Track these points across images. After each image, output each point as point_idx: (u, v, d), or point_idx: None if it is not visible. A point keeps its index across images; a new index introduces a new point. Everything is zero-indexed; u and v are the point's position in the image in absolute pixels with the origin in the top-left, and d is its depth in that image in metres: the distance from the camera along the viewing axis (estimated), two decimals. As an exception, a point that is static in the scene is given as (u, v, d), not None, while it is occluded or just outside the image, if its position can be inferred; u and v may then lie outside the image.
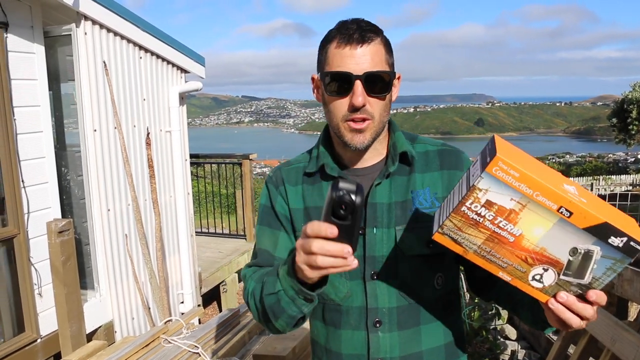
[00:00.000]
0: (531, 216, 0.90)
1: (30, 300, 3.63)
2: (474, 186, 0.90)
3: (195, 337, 3.49)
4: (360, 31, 1.18)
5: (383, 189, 1.27)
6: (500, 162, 0.87)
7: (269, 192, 1.38)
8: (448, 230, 0.98)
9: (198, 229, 7.34)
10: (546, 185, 0.87)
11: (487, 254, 0.97)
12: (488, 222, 0.93)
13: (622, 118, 30.16)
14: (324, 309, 1.32)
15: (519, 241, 0.93)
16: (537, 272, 0.96)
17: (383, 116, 1.23)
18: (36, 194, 3.66)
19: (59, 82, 4.22)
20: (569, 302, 0.97)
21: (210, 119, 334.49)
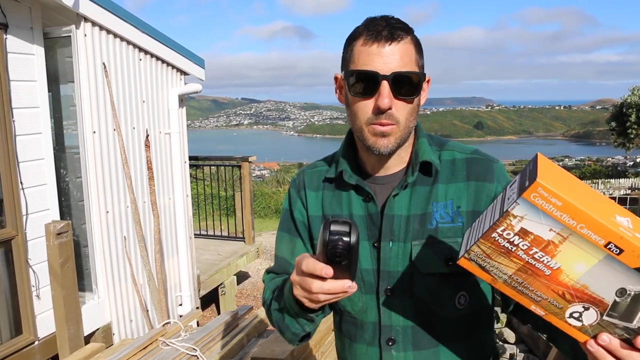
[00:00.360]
0: (573, 250, 0.79)
1: (28, 302, 3.63)
2: (507, 212, 0.79)
3: (194, 340, 3.48)
4: (389, 28, 1.09)
5: (402, 200, 1.18)
6: (540, 189, 0.76)
7: (290, 196, 1.34)
8: (475, 256, 0.87)
9: (197, 232, 7.33)
10: (593, 217, 0.76)
11: (519, 285, 0.86)
12: (521, 252, 0.82)
13: (621, 122, 30.19)
14: (341, 320, 1.28)
15: (556, 275, 0.82)
16: (576, 309, 0.84)
17: (410, 121, 1.13)
18: (35, 195, 3.66)
19: (59, 84, 4.21)
20: (611, 347, 0.85)
21: (210, 121, 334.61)
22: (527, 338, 4.67)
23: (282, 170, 20.90)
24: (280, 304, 1.13)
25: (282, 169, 22.87)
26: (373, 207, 1.20)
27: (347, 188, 1.24)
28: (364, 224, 1.20)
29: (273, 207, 14.21)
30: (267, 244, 9.37)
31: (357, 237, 0.86)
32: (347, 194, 1.24)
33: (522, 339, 4.74)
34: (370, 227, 1.20)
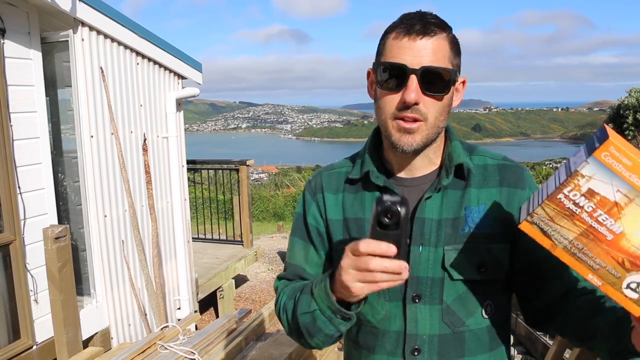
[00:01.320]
0: (638, 213, 0.78)
1: (26, 307, 3.62)
2: (576, 171, 0.79)
3: (192, 343, 3.48)
4: (423, 22, 1.07)
5: (433, 203, 1.15)
6: (611, 147, 0.76)
7: (304, 200, 1.29)
8: (538, 219, 0.86)
9: (195, 235, 7.33)
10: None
11: (579, 251, 0.85)
12: (586, 215, 0.82)
13: (618, 124, 30.23)
14: (359, 330, 1.22)
15: (617, 240, 0.81)
16: (635, 279, 0.83)
17: (439, 120, 1.10)
18: (32, 200, 3.66)
19: (56, 88, 4.22)
20: None
21: (208, 124, 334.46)
22: (524, 340, 4.67)
23: (281, 174, 20.91)
24: (310, 306, 1.08)
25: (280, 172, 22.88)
26: None
27: (372, 190, 1.19)
28: None
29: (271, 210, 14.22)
30: (265, 247, 9.38)
31: (407, 212, 0.87)
32: (370, 196, 1.19)
33: (520, 340, 4.75)
34: None
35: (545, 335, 4.40)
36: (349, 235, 1.19)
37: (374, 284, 0.93)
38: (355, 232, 1.19)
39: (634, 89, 31.69)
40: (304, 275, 1.26)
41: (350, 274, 0.94)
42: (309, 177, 1.34)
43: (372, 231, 0.90)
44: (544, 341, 4.31)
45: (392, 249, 0.88)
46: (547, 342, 4.25)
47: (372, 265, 0.90)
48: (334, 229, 1.22)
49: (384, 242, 0.89)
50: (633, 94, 31.16)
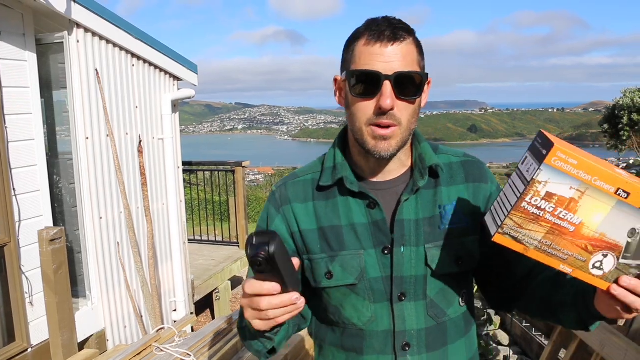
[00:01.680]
0: (590, 202, 0.90)
1: (21, 309, 3.62)
2: (533, 180, 0.89)
3: (188, 345, 3.48)
4: (392, 28, 1.09)
5: (409, 204, 1.18)
6: (558, 152, 0.87)
7: (267, 215, 1.27)
8: (508, 229, 0.95)
9: (191, 237, 7.33)
10: (603, 169, 0.87)
11: (548, 247, 0.95)
12: (548, 215, 0.92)
13: (614, 124, 30.34)
14: (344, 335, 1.23)
15: (579, 230, 0.92)
16: (597, 259, 0.94)
17: (411, 123, 1.13)
18: (27, 202, 3.65)
19: (51, 90, 4.22)
20: (632, 285, 0.93)
21: (204, 126, 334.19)
22: (520, 340, 4.69)
23: (277, 175, 20.92)
24: (242, 322, 1.13)
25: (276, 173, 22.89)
26: (378, 214, 1.17)
27: (345, 195, 1.20)
28: (368, 232, 1.18)
29: (267, 211, 14.21)
30: (261, 248, 9.36)
31: (278, 246, 0.87)
32: (344, 202, 1.20)
33: (516, 341, 4.76)
34: (376, 234, 1.17)
35: (540, 335, 4.41)
36: (327, 244, 1.19)
37: (270, 322, 0.94)
38: (333, 239, 1.19)
39: (628, 89, 31.83)
40: None
41: (248, 311, 0.95)
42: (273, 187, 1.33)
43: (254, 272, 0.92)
44: (540, 341, 4.33)
45: (276, 288, 0.90)
46: (543, 342, 4.26)
47: (262, 305, 0.91)
48: (309, 239, 1.21)
49: (267, 283, 0.91)
50: (628, 94, 31.28)
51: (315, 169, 1.27)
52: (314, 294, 1.26)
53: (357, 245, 1.17)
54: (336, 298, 1.21)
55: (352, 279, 1.17)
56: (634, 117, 29.60)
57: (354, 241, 1.17)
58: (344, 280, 1.18)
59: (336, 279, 1.18)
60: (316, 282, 1.22)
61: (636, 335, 2.76)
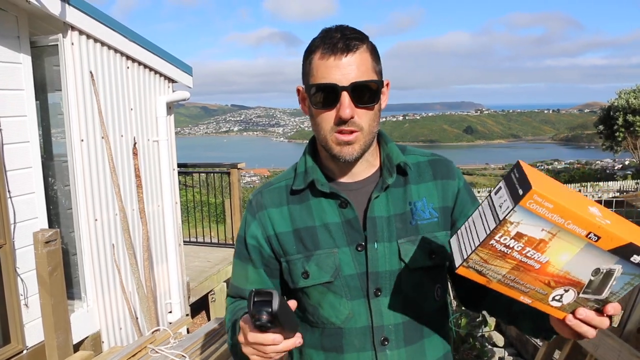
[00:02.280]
0: (559, 243, 0.89)
1: (16, 311, 3.61)
2: (505, 220, 0.87)
3: (183, 347, 3.48)
4: (344, 40, 1.13)
5: (380, 202, 1.23)
6: (535, 196, 0.84)
7: (245, 222, 1.33)
8: (474, 263, 0.95)
9: (187, 239, 7.32)
10: (578, 214, 0.86)
11: (511, 282, 0.96)
12: (516, 253, 0.91)
13: (609, 125, 30.49)
14: (323, 335, 1.27)
15: (544, 268, 0.92)
16: (558, 293, 0.96)
17: (372, 127, 1.19)
18: (23, 204, 3.65)
19: (46, 92, 4.21)
20: (587, 318, 0.97)
21: (200, 128, 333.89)
22: (515, 341, 4.70)
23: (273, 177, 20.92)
24: (233, 338, 1.19)
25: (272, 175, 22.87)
26: (350, 213, 1.23)
27: (318, 196, 1.25)
28: (341, 230, 1.23)
29: (263, 213, 14.20)
30: (257, 250, 9.35)
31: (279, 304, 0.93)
32: (317, 204, 1.25)
33: (511, 342, 4.78)
34: (349, 233, 1.22)
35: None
36: (302, 244, 1.25)
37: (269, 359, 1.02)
38: (308, 240, 1.24)
39: (623, 90, 31.93)
40: (245, 295, 1.32)
41: (246, 349, 1.02)
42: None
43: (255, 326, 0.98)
44: (535, 343, 4.34)
45: (278, 339, 0.98)
46: (537, 343, 4.28)
47: (266, 351, 0.99)
48: (285, 241, 1.26)
49: (269, 335, 0.98)
50: (623, 95, 31.40)
51: (288, 175, 1.33)
52: (294, 297, 1.29)
53: (331, 244, 1.22)
54: (314, 297, 1.25)
55: (328, 276, 1.22)
56: (629, 118, 29.75)
57: (328, 240, 1.23)
58: (320, 279, 1.22)
59: (312, 278, 1.23)
60: (294, 282, 1.26)
61: (629, 337, 2.77)
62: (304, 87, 1.23)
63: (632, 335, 2.76)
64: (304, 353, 1.33)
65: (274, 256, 1.29)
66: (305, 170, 1.27)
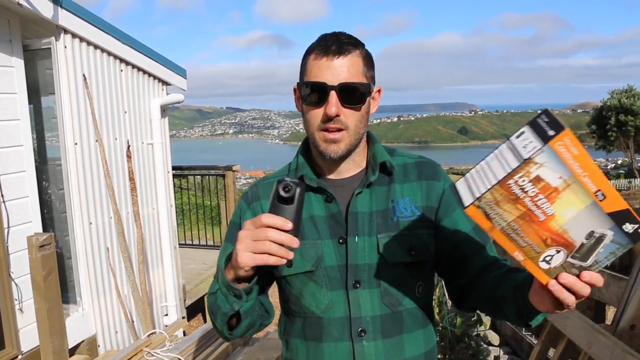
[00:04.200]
0: (569, 196, 0.88)
1: (10, 316, 3.60)
2: (530, 159, 0.84)
3: (179, 350, 3.48)
4: (338, 43, 1.21)
5: (363, 198, 1.28)
6: (566, 138, 0.82)
7: (240, 209, 1.40)
8: (485, 203, 0.90)
9: (182, 241, 7.31)
10: (594, 168, 0.85)
11: (513, 231, 0.93)
12: (528, 199, 0.88)
13: (602, 125, 30.64)
14: (304, 324, 1.32)
15: (547, 221, 0.90)
16: (550, 253, 0.94)
17: (359, 127, 1.25)
18: (16, 208, 3.64)
19: (39, 96, 4.20)
20: (569, 283, 0.97)
21: (195, 130, 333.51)
22: (511, 340, 4.72)
23: (268, 179, 20.90)
24: (214, 287, 1.22)
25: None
26: (335, 207, 1.29)
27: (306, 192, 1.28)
28: (325, 223, 1.29)
29: (258, 215, 14.19)
30: (252, 252, 9.35)
31: (303, 190, 1.01)
32: (306, 197, 1.28)
33: (506, 341, 4.79)
34: (333, 226, 1.29)
35: (530, 335, 4.45)
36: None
37: (260, 256, 1.03)
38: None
39: (615, 90, 32.09)
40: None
41: (244, 242, 1.04)
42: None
43: (271, 206, 1.03)
44: (530, 341, 4.36)
45: (289, 223, 1.01)
46: (532, 341, 4.29)
47: (269, 234, 1.01)
48: None
49: (281, 217, 1.02)
50: (615, 95, 31.56)
51: (283, 172, 1.42)
52: (279, 287, 1.38)
53: (315, 236, 1.29)
54: (296, 287, 1.30)
55: (310, 265, 1.27)
56: (622, 117, 29.91)
57: (313, 232, 1.29)
58: (302, 268, 1.28)
59: (295, 267, 1.28)
60: (278, 270, 1.31)
61: (622, 334, 2.79)
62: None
63: (625, 332, 2.78)
64: (290, 343, 1.38)
65: None
66: (297, 167, 1.35)
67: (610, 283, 3.21)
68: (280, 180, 1.02)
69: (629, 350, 2.44)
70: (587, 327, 2.74)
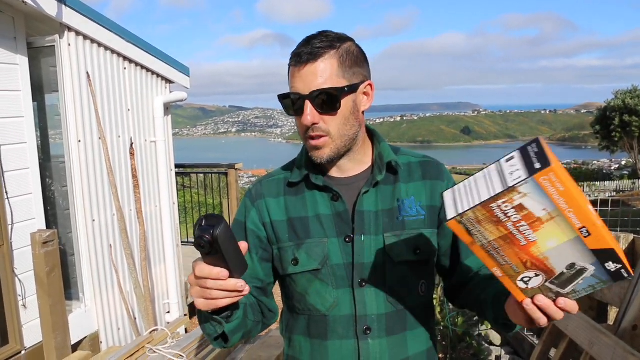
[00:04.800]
0: (553, 228, 0.89)
1: (14, 312, 3.62)
2: (514, 188, 0.86)
3: (180, 347, 3.49)
4: (309, 48, 1.19)
5: (370, 197, 1.29)
6: (552, 174, 0.84)
7: (245, 207, 1.39)
8: (467, 220, 0.93)
9: (185, 239, 7.31)
10: (582, 205, 0.86)
11: (493, 250, 0.95)
12: (510, 223, 0.91)
13: (605, 125, 30.56)
14: (309, 322, 1.32)
15: (529, 246, 0.93)
16: (529, 275, 0.97)
17: (343, 130, 1.23)
18: (20, 205, 3.66)
19: (43, 94, 4.22)
20: (544, 305, 1.00)
21: (198, 129, 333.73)
22: (512, 340, 4.72)
23: (270, 177, 20.92)
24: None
25: (270, 176, 22.90)
26: (341, 206, 1.29)
27: (312, 189, 1.32)
28: (332, 221, 1.29)
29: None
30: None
31: (222, 230, 0.91)
32: (311, 196, 1.32)
33: (508, 341, 4.79)
34: (339, 225, 1.29)
35: (532, 335, 4.44)
36: (294, 233, 1.31)
37: (212, 301, 1.00)
38: (300, 229, 1.30)
39: (620, 91, 31.95)
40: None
41: (194, 289, 1.01)
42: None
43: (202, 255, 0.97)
44: (531, 341, 4.36)
45: (223, 274, 0.95)
46: (534, 342, 4.29)
47: (209, 285, 0.97)
48: (279, 229, 1.32)
49: (215, 268, 0.96)
50: (619, 96, 31.43)
51: (287, 169, 1.40)
52: (283, 285, 1.38)
53: (321, 234, 1.28)
54: (301, 285, 1.30)
55: (316, 264, 1.27)
56: (626, 118, 29.82)
57: (319, 230, 1.29)
58: (309, 266, 1.28)
59: (301, 265, 1.29)
60: (283, 269, 1.32)
61: (624, 334, 2.79)
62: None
63: (627, 333, 2.78)
64: (293, 340, 1.38)
65: (268, 242, 1.35)
66: (302, 165, 1.34)
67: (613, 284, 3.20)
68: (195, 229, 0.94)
69: (631, 351, 2.44)
70: (589, 327, 2.73)
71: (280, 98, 1.24)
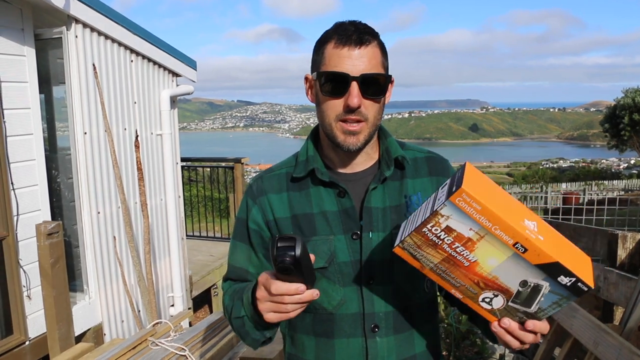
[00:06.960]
0: (487, 247, 0.94)
1: (18, 303, 3.63)
2: (436, 211, 0.93)
3: (183, 340, 3.49)
4: (358, 33, 1.17)
5: (377, 193, 1.26)
6: (464, 194, 0.90)
7: (246, 205, 1.35)
8: (408, 246, 1.01)
9: (191, 233, 7.33)
10: (505, 221, 0.91)
11: (442, 272, 1.00)
12: (446, 245, 0.96)
13: (615, 124, 30.35)
14: (314, 320, 1.29)
15: (473, 267, 0.97)
16: (487, 295, 1.00)
17: (377, 119, 1.22)
18: (26, 196, 3.67)
19: (51, 85, 4.23)
20: (510, 329, 1.02)
21: (206, 123, 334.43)
22: (516, 338, 4.70)
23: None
24: (240, 312, 1.19)
25: (276, 170, 22.92)
26: (348, 202, 1.26)
27: (317, 185, 1.28)
28: (338, 218, 1.26)
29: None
30: (260, 245, 9.36)
31: (303, 249, 0.95)
32: (316, 192, 1.28)
33: (512, 339, 4.77)
34: (346, 221, 1.25)
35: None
36: (299, 230, 1.28)
37: (285, 314, 1.05)
38: (305, 226, 1.27)
39: (630, 89, 31.68)
40: (247, 277, 1.33)
41: (265, 305, 1.05)
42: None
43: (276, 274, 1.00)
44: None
45: (302, 288, 1.00)
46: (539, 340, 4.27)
47: (286, 300, 1.01)
48: (283, 226, 1.29)
49: (293, 284, 0.99)
50: (629, 94, 31.16)
51: (289, 163, 1.36)
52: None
53: (327, 231, 1.25)
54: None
55: (323, 262, 1.24)
56: (635, 117, 29.59)
57: (324, 227, 1.25)
58: (315, 264, 1.24)
59: None
60: None
61: (630, 335, 2.76)
62: (313, 75, 1.26)
63: (632, 333, 2.75)
64: (296, 339, 1.35)
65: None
66: (306, 159, 1.31)
67: (619, 283, 3.18)
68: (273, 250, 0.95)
69: (636, 351, 2.42)
70: (593, 326, 2.71)
71: (320, 76, 1.20)
